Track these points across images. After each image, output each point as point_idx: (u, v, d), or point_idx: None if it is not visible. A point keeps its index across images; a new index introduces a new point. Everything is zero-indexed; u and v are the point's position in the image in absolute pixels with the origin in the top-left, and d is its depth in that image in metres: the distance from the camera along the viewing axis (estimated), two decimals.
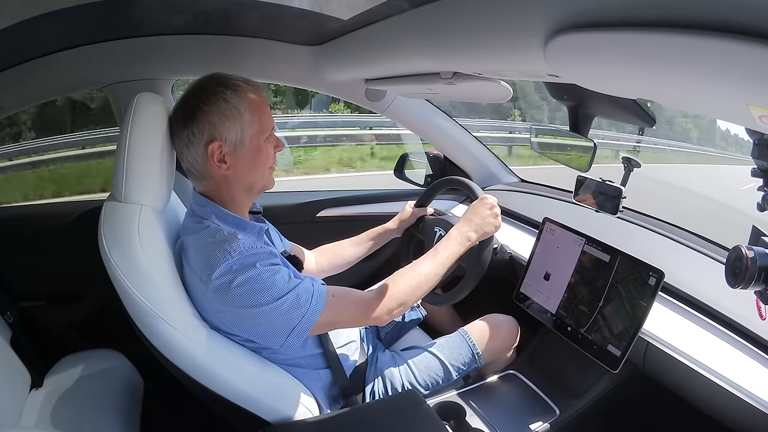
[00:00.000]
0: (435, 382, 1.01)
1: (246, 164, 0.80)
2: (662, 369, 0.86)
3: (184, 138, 0.78)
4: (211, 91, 0.77)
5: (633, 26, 0.34)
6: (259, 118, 0.79)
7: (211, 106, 0.76)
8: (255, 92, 0.79)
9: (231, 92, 0.77)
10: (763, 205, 0.63)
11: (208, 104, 0.76)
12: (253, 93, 0.79)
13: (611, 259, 0.93)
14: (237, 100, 0.77)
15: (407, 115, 1.41)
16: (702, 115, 1.19)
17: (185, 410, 1.08)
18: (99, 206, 0.81)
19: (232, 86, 0.77)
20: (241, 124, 0.77)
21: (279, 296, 0.73)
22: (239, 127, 0.77)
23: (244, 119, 0.77)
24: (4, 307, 1.09)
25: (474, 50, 0.60)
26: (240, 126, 0.77)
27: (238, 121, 0.77)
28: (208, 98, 0.76)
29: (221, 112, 0.76)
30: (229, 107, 0.76)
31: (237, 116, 0.77)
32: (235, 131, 0.77)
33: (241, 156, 0.79)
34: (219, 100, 0.76)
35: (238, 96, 0.77)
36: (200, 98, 0.77)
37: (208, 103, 0.76)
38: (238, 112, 0.77)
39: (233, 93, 0.77)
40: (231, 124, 0.77)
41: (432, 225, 1.19)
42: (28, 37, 0.92)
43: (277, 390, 0.82)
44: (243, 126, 0.77)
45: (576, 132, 0.87)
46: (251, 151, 0.79)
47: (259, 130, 0.79)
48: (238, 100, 0.77)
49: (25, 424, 0.92)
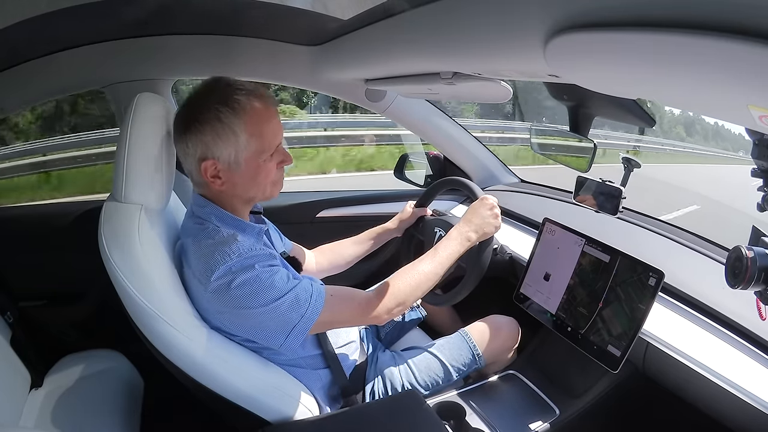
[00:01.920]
0: (435, 383, 1.01)
1: (242, 182, 0.77)
2: (662, 369, 0.86)
3: (182, 146, 0.77)
4: (208, 107, 0.73)
5: (633, 26, 0.34)
6: (259, 137, 0.75)
7: (204, 125, 0.73)
8: (262, 102, 0.75)
9: (228, 111, 0.72)
10: (763, 205, 0.63)
11: (202, 122, 0.73)
12: (259, 103, 0.75)
13: (611, 260, 0.93)
14: (233, 120, 0.72)
15: (407, 115, 1.41)
16: (702, 115, 1.19)
17: (185, 410, 1.08)
18: (99, 206, 0.81)
19: (231, 103, 0.73)
20: (235, 147, 0.74)
21: (278, 297, 0.73)
22: (233, 148, 0.74)
23: (239, 141, 0.73)
24: (4, 307, 1.09)
25: (474, 50, 0.60)
26: (234, 148, 0.74)
27: (232, 143, 0.73)
28: (203, 114, 0.73)
29: (215, 132, 0.73)
30: (224, 128, 0.73)
31: (231, 137, 0.73)
32: (228, 152, 0.74)
33: (236, 174, 0.76)
34: (213, 119, 0.72)
35: (235, 115, 0.73)
36: (197, 112, 0.74)
37: (201, 121, 0.73)
38: (233, 134, 0.73)
39: (230, 112, 0.72)
40: (224, 145, 0.73)
41: (432, 225, 1.19)
42: (28, 37, 0.92)
43: (277, 390, 0.82)
44: (238, 148, 0.74)
45: (576, 132, 0.88)
46: (248, 170, 0.76)
47: (257, 151, 0.75)
48: (234, 120, 0.73)
49: (25, 424, 0.92)
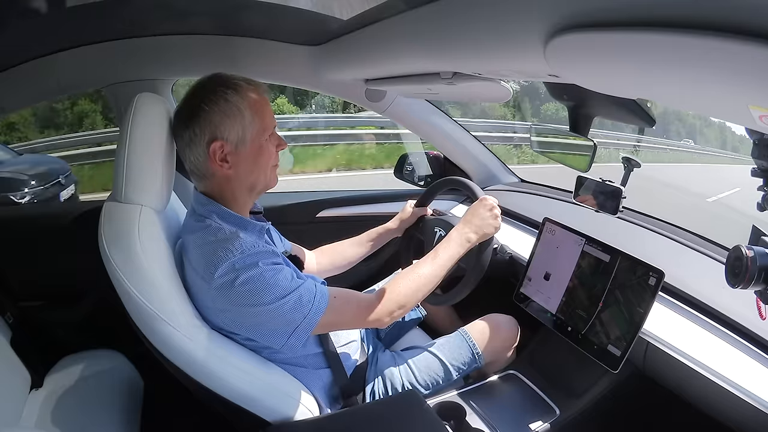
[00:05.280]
0: (435, 382, 1.01)
1: (248, 163, 0.80)
2: (662, 369, 0.86)
3: (186, 138, 0.79)
4: (213, 90, 0.78)
5: (633, 26, 0.34)
6: (261, 117, 0.79)
7: (212, 106, 0.77)
8: (256, 91, 0.80)
9: (232, 91, 0.77)
10: (763, 205, 0.63)
11: (209, 104, 0.77)
12: (254, 92, 0.80)
13: (611, 259, 0.93)
14: (237, 99, 0.77)
15: (407, 115, 1.41)
16: (702, 115, 1.19)
17: (185, 410, 1.08)
18: (99, 206, 0.81)
19: (233, 86, 0.78)
20: (242, 123, 0.78)
21: (282, 296, 0.73)
22: (240, 126, 0.78)
23: (245, 118, 0.78)
24: (4, 307, 1.09)
25: (474, 50, 0.60)
26: (241, 125, 0.78)
27: (239, 120, 0.77)
28: (209, 98, 0.77)
29: (222, 112, 0.77)
30: (230, 106, 0.77)
31: (238, 115, 0.77)
32: (236, 130, 0.78)
33: (242, 155, 0.79)
34: (220, 100, 0.77)
35: (239, 95, 0.78)
36: (201, 98, 0.78)
37: (209, 103, 0.77)
38: (239, 111, 0.77)
39: (234, 92, 0.77)
40: (232, 123, 0.77)
41: (432, 225, 1.19)
42: (28, 37, 0.92)
43: (277, 390, 0.82)
44: (244, 125, 0.78)
45: (576, 132, 0.87)
46: (253, 150, 0.80)
47: (260, 129, 0.80)
48: (239, 99, 0.77)
49: (25, 424, 0.92)
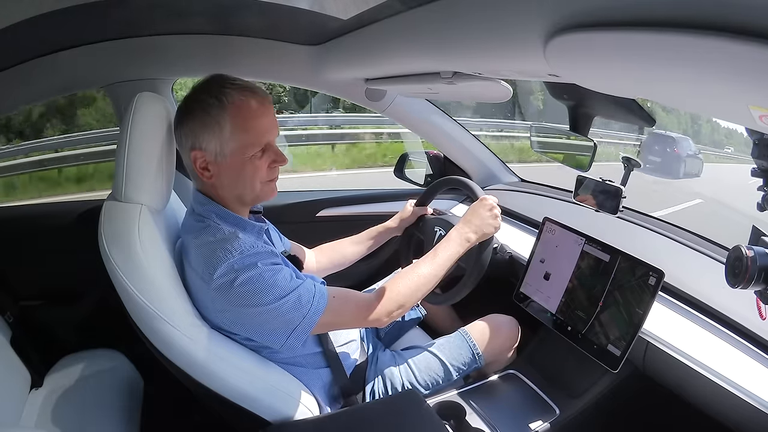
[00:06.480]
0: (435, 382, 1.01)
1: (229, 176, 0.78)
2: (662, 368, 0.86)
3: (178, 139, 0.81)
4: (197, 99, 0.76)
5: (633, 26, 0.34)
6: (245, 131, 0.75)
7: (194, 115, 0.76)
8: (255, 98, 0.76)
9: (214, 102, 0.74)
10: (763, 205, 0.63)
11: (191, 113, 0.76)
12: (252, 98, 0.76)
13: (611, 259, 0.93)
14: (218, 112, 0.74)
15: (407, 114, 1.41)
16: (702, 114, 1.19)
17: (185, 410, 1.08)
18: (99, 206, 0.81)
19: (219, 95, 0.75)
20: (219, 139, 0.75)
21: (281, 296, 0.73)
22: (217, 141, 0.75)
23: (223, 133, 0.75)
24: (4, 307, 1.09)
25: (474, 50, 0.60)
26: (219, 140, 0.75)
27: (216, 135, 0.75)
28: (192, 107, 0.77)
29: (201, 122, 0.75)
30: (209, 119, 0.75)
31: (216, 129, 0.75)
32: (213, 144, 0.76)
33: (223, 167, 0.77)
34: (198, 110, 0.75)
35: (221, 108, 0.74)
36: (188, 104, 0.77)
37: (191, 112, 0.76)
38: (218, 126, 0.74)
39: (216, 103, 0.74)
40: (209, 136, 0.75)
41: (432, 224, 1.19)
42: (28, 37, 0.92)
43: (277, 389, 0.82)
44: (222, 140, 0.75)
45: (576, 132, 0.87)
46: (234, 164, 0.77)
47: (243, 146, 0.76)
48: (220, 113, 0.74)
49: (25, 424, 0.92)
